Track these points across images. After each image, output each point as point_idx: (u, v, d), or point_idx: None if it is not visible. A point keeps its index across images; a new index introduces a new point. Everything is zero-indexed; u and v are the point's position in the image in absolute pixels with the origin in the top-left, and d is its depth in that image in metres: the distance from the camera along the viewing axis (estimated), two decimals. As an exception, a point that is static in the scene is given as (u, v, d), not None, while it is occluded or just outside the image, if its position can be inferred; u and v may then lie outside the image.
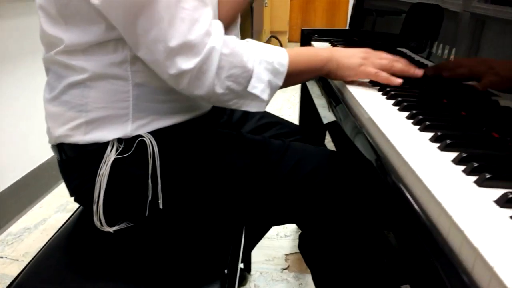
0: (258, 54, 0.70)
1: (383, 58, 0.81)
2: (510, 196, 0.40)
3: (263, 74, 0.70)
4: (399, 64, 0.81)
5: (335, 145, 1.02)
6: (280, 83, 0.73)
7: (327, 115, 1.09)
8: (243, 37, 0.76)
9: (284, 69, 0.73)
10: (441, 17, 0.94)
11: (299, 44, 5.16)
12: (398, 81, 0.78)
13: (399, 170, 0.52)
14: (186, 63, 0.64)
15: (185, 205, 0.78)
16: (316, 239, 0.84)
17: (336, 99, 0.89)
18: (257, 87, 0.70)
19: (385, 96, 0.76)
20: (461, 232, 0.36)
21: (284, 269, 1.45)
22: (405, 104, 0.69)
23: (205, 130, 0.82)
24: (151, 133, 0.75)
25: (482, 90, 0.69)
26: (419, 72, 0.80)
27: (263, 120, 1.07)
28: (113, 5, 0.63)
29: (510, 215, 0.39)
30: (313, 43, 1.39)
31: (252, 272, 1.43)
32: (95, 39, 0.69)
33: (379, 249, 0.73)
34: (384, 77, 0.78)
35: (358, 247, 0.78)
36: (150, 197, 0.75)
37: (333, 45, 1.33)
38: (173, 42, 0.62)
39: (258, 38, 4.61)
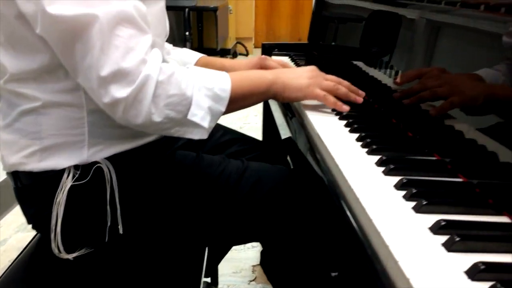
0: (198, 81, 0.70)
1: (329, 79, 0.82)
2: (443, 223, 0.43)
3: (203, 101, 0.70)
4: (343, 89, 0.81)
5: (291, 161, 1.04)
6: (223, 109, 0.72)
7: (285, 130, 1.12)
8: (208, 44, 0.76)
9: (226, 94, 0.72)
10: (399, 25, 0.98)
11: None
12: (346, 108, 0.79)
13: (346, 195, 0.55)
14: (119, 92, 0.63)
15: (146, 229, 0.79)
16: (276, 256, 0.86)
17: (292, 113, 0.92)
18: (197, 114, 0.69)
19: (337, 117, 0.79)
20: (395, 262, 0.39)
21: (251, 280, 1.47)
22: (356, 126, 0.72)
23: (164, 153, 0.82)
24: (108, 158, 0.75)
25: (441, 113, 0.73)
26: (359, 99, 0.82)
27: (225, 137, 1.09)
28: (52, 31, 0.63)
29: (442, 242, 0.42)
30: (273, 57, 1.42)
31: (220, 285, 1.44)
32: (44, 66, 0.69)
33: (331, 265, 0.76)
34: (332, 101, 0.79)
35: (315, 263, 0.81)
36: (109, 223, 0.75)
37: (293, 59, 1.36)
38: (106, 70, 0.62)
39: (224, 45, 4.63)
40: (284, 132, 1.19)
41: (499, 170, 0.57)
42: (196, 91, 0.69)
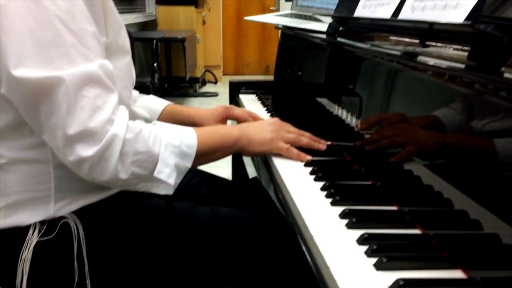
0: (165, 137, 0.71)
1: (291, 131, 0.86)
2: (401, 283, 0.45)
3: (169, 158, 0.71)
4: (305, 139, 0.85)
5: (260, 203, 1.06)
6: (189, 165, 0.74)
7: (252, 170, 1.14)
8: (177, 73, 0.78)
9: (192, 151, 0.74)
10: (359, 63, 1.03)
11: (233, 77, 5.30)
12: (308, 157, 0.82)
13: (311, 247, 0.57)
14: (85, 151, 0.64)
15: (115, 282, 0.78)
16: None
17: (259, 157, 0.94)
18: (163, 172, 0.70)
19: (303, 163, 0.82)
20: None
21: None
22: (320, 174, 0.75)
23: (131, 203, 0.82)
24: (75, 212, 0.74)
25: (400, 161, 0.76)
26: (322, 146, 0.86)
27: (194, 180, 1.09)
28: (17, 93, 0.63)
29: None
30: (240, 96, 1.45)
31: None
32: (8, 124, 0.68)
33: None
34: (295, 153, 0.83)
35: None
36: (76, 279, 0.74)
37: (260, 98, 1.39)
38: (72, 130, 0.63)
39: (193, 73, 4.66)
40: (253, 169, 1.21)
41: (452, 219, 0.61)
42: (162, 148, 0.70)
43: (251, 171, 1.31)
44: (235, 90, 1.51)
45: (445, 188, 0.66)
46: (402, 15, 0.76)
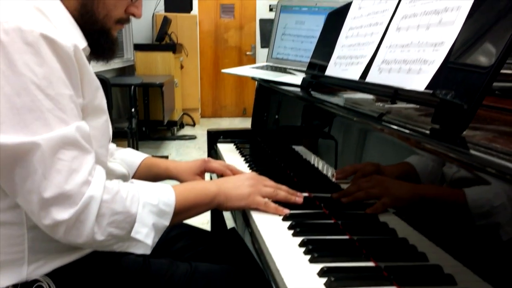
0: (142, 197, 0.72)
1: (268, 185, 0.87)
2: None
3: (147, 218, 0.71)
4: (282, 192, 0.87)
5: (238, 256, 1.05)
6: (167, 223, 0.74)
7: (231, 221, 1.14)
8: (155, 117, 0.79)
9: (170, 209, 0.74)
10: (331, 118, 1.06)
11: (211, 119, 5.30)
12: (286, 211, 0.83)
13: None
14: (61, 214, 0.64)
15: None
16: None
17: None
18: (141, 232, 0.70)
19: (281, 217, 0.83)
20: None
21: None
22: (298, 229, 0.76)
23: (107, 263, 0.81)
24: (49, 274, 0.73)
25: (375, 213, 0.78)
26: (299, 199, 0.87)
27: (172, 232, 1.08)
28: None
29: None
30: (218, 145, 1.47)
31: None
32: None
33: None
34: (273, 207, 0.84)
35: None
36: None
37: (238, 147, 1.41)
38: (47, 194, 0.63)
39: (170, 117, 4.69)
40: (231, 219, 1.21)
41: (427, 275, 0.62)
42: (140, 208, 0.71)
43: (230, 222, 1.31)
44: (213, 139, 1.53)
45: (420, 240, 0.68)
46: (370, 76, 0.80)
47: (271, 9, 6.05)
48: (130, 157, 1.06)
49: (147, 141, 4.50)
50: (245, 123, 6.02)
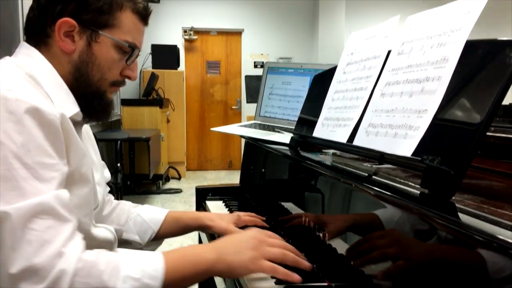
0: (124, 269, 0.65)
1: (274, 245, 0.78)
2: None
3: None
4: (291, 255, 0.78)
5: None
6: None
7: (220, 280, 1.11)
8: (140, 170, 0.75)
9: (157, 283, 0.66)
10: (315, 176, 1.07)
11: (197, 172, 5.25)
12: (297, 278, 0.73)
13: None
14: None
15: None
16: None
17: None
18: None
19: (274, 280, 0.81)
20: None
21: None
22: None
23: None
24: None
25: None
26: (309, 265, 0.79)
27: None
28: None
29: None
30: (207, 202, 1.47)
31: None
32: None
33: None
34: (282, 273, 0.74)
35: None
36: None
37: (227, 205, 1.41)
38: (15, 268, 0.59)
39: (156, 170, 4.66)
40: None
41: None
42: (120, 283, 0.64)
43: (219, 280, 1.28)
44: (202, 196, 1.52)
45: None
46: (358, 139, 0.83)
47: (255, 66, 6.27)
48: (153, 213, 1.05)
49: (132, 195, 4.43)
50: (231, 176, 6.01)
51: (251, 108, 5.96)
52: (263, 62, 6.26)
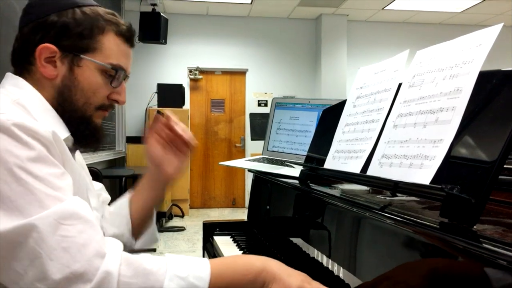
0: (170, 269, 0.64)
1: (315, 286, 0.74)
2: None
3: None
4: None
5: None
6: None
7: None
8: None
9: (204, 284, 0.65)
10: (323, 207, 1.06)
11: (200, 210, 5.21)
12: None
13: None
14: None
15: None
16: None
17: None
18: None
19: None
20: None
21: None
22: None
23: None
24: None
25: None
26: None
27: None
28: None
29: None
30: (215, 237, 1.44)
31: None
32: None
33: None
34: None
35: None
36: None
37: (234, 240, 1.39)
38: (57, 276, 0.58)
39: (159, 208, 4.62)
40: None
41: None
42: (167, 281, 0.63)
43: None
44: (209, 231, 1.50)
45: None
46: (371, 170, 0.83)
47: (259, 104, 6.35)
48: (117, 207, 1.00)
49: (134, 233, 4.37)
50: (235, 214, 5.95)
51: (254, 145, 5.99)
52: (266, 101, 6.35)
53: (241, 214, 5.96)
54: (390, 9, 5.86)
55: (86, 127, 0.83)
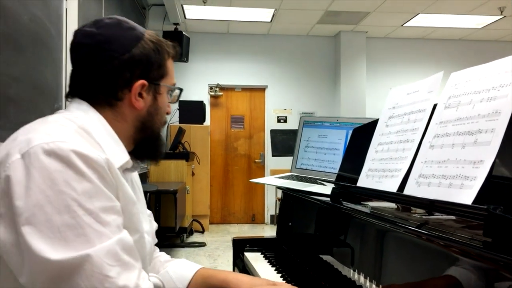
0: None
1: None
2: None
3: None
4: None
5: None
6: None
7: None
8: (166, 223, 0.76)
9: None
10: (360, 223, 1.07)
11: (220, 226, 5.21)
12: None
13: None
14: None
15: None
16: None
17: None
18: None
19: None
20: None
21: None
22: None
23: None
24: None
25: None
26: None
27: None
28: (37, 278, 0.64)
29: None
30: (246, 254, 1.47)
31: None
32: None
33: None
34: None
35: None
36: None
37: (265, 256, 1.41)
38: None
39: (181, 223, 4.66)
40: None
41: None
42: None
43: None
44: (239, 248, 1.52)
45: None
46: (408, 189, 0.85)
47: (279, 121, 6.39)
48: (182, 269, 1.02)
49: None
50: (254, 230, 5.94)
51: (274, 161, 6.02)
52: (286, 117, 6.39)
53: (261, 230, 5.95)
54: (410, 25, 5.88)
55: (158, 143, 0.91)
